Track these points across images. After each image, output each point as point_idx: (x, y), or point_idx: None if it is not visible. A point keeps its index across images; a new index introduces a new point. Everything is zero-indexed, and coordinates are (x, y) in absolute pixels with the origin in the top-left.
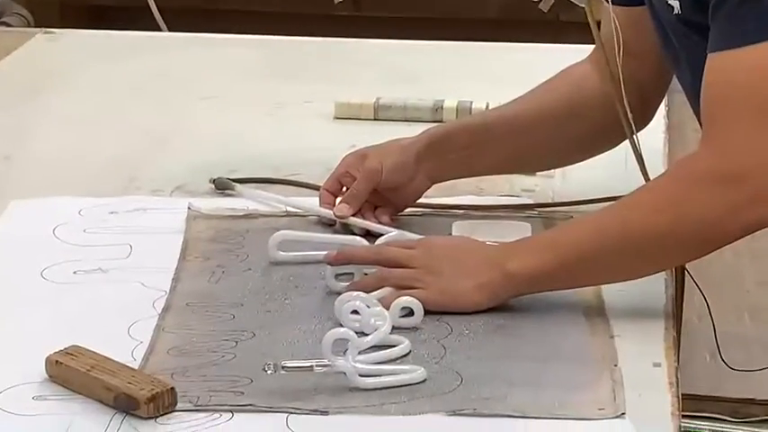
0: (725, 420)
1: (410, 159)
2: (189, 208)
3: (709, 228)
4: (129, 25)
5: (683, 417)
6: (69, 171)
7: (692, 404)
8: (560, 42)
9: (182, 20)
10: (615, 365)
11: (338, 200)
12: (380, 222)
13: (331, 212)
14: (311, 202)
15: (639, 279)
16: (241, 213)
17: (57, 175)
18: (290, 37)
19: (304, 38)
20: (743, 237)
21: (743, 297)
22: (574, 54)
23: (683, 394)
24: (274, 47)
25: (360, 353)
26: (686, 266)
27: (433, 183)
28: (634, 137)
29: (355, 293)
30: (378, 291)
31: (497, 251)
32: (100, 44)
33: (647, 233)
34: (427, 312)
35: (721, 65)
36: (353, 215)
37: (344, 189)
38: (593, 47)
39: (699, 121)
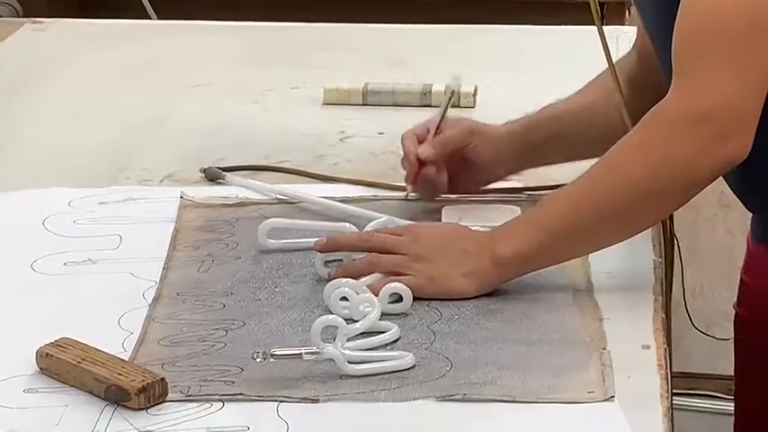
0: (719, 398)
1: (502, 144)
2: (181, 197)
3: (685, 170)
4: (119, 14)
5: (677, 395)
6: (58, 162)
7: (685, 382)
8: (552, 24)
9: (171, 7)
10: (604, 348)
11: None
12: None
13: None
14: (301, 189)
15: (628, 261)
16: (231, 202)
17: (46, 166)
18: (278, 23)
19: (292, 23)
20: (714, 178)
21: (736, 274)
22: (565, 35)
23: (676, 372)
24: (262, 33)
25: (349, 339)
26: (679, 245)
27: (510, 173)
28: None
29: (344, 280)
30: (366, 277)
31: (485, 237)
32: (88, 33)
33: (628, 188)
34: (416, 298)
35: (689, 5)
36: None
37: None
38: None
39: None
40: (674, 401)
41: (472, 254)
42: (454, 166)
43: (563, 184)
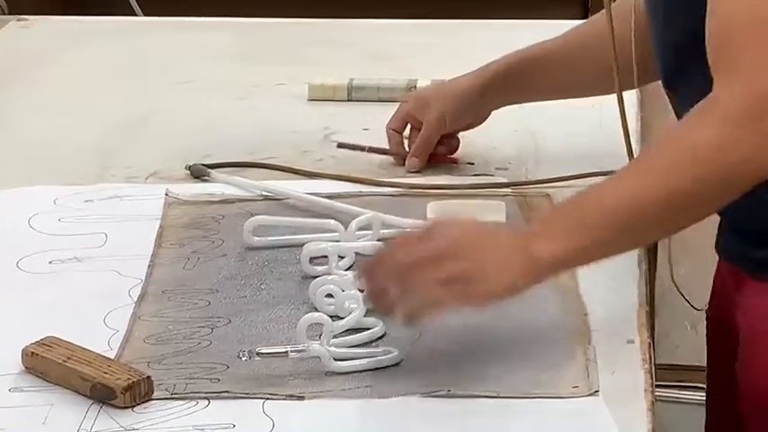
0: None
1: (475, 99)
2: (166, 194)
3: (755, 165)
4: (104, 10)
5: (665, 387)
6: (44, 160)
7: (673, 374)
8: (539, 18)
9: (157, 4)
10: (589, 343)
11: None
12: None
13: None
14: (286, 185)
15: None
16: (216, 199)
17: (31, 164)
18: (263, 19)
19: (277, 19)
20: None
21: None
22: (552, 30)
23: (664, 364)
24: (247, 29)
25: (335, 336)
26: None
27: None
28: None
29: (330, 277)
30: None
31: (520, 237)
32: (74, 30)
33: (695, 189)
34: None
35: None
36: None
37: (409, 127)
38: (576, 22)
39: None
40: (662, 394)
41: (508, 256)
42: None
43: (550, 179)
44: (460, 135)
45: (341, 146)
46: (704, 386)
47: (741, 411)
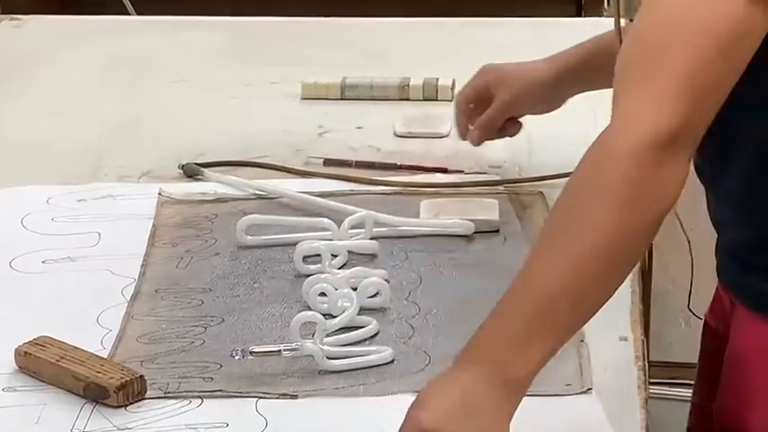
0: None
1: (550, 88)
2: (159, 193)
3: (656, 201)
4: (97, 10)
5: (659, 384)
6: (37, 159)
7: (667, 371)
8: (533, 16)
9: (150, 3)
10: (582, 341)
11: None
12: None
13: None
14: (279, 184)
15: None
16: (209, 198)
17: (24, 164)
18: (256, 17)
19: (270, 18)
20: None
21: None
22: (546, 28)
23: (657, 362)
24: (240, 28)
25: (328, 335)
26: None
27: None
28: None
29: (323, 275)
30: (346, 271)
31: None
32: (66, 30)
33: (613, 237)
34: (395, 292)
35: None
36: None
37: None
38: (570, 20)
39: None
40: (655, 391)
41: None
42: None
43: (542, 177)
44: None
45: (327, 163)
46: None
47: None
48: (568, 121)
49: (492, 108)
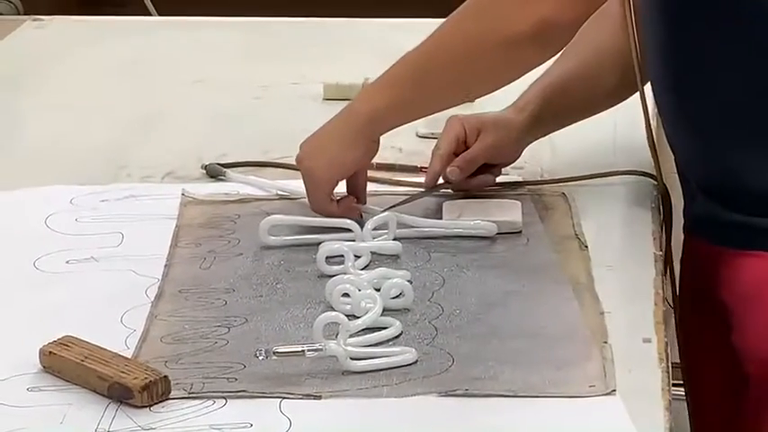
0: None
1: (521, 135)
2: (183, 194)
3: (504, 24)
4: (119, 10)
5: (682, 386)
6: (60, 159)
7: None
8: None
9: (171, 4)
10: (605, 342)
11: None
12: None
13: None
14: (302, 185)
15: (628, 255)
16: (232, 198)
17: (47, 164)
18: (277, 18)
19: (291, 18)
20: (537, 40)
21: None
22: None
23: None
24: (262, 28)
25: (351, 336)
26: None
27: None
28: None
29: (346, 276)
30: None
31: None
32: (89, 30)
33: (461, 42)
34: (418, 293)
35: None
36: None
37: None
38: None
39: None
40: (679, 393)
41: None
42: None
43: (565, 178)
44: None
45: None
46: None
47: (733, 383)
48: (590, 123)
49: (475, 147)
